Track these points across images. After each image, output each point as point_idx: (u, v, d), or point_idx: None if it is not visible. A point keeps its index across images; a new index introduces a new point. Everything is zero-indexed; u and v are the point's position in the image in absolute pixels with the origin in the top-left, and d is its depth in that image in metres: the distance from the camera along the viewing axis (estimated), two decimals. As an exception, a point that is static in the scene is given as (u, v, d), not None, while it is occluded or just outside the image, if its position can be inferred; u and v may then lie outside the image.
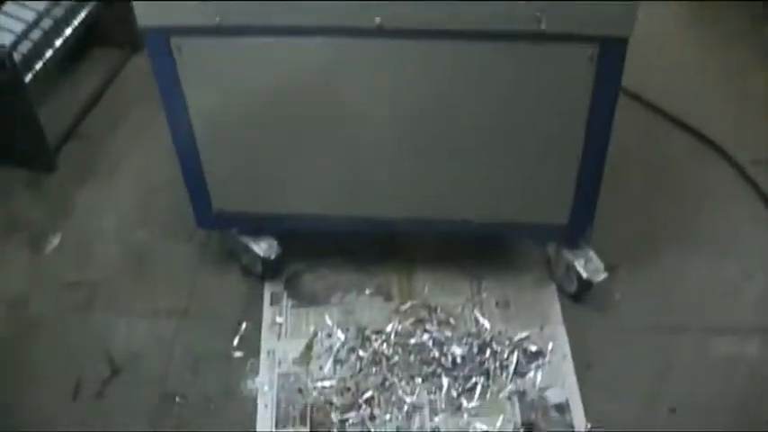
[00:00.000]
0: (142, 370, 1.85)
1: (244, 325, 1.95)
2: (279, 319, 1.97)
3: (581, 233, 1.81)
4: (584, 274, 1.86)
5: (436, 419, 1.81)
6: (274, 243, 1.95)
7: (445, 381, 1.86)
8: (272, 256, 1.94)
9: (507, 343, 1.91)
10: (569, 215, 1.75)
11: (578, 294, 1.93)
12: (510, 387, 1.85)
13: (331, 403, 1.83)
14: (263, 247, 1.94)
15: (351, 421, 1.81)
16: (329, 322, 1.97)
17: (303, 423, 1.81)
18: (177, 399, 1.80)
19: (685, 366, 1.81)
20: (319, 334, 1.93)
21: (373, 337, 1.91)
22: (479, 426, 1.80)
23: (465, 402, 1.83)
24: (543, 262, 2.02)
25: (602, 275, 1.85)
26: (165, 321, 1.95)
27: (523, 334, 1.91)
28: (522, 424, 1.80)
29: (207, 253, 2.09)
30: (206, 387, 1.81)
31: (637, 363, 1.83)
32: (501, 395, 1.84)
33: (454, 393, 1.84)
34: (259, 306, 1.98)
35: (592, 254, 1.86)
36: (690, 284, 1.98)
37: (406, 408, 1.82)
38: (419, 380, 1.87)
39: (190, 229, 1.97)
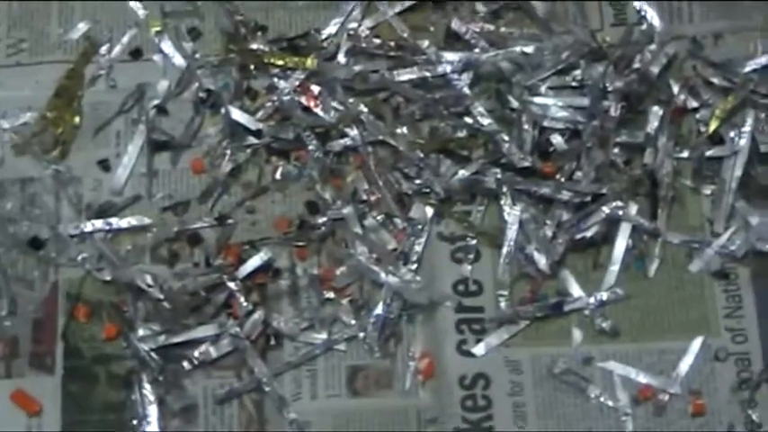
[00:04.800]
0: None
1: None
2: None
3: None
4: None
5: (479, 349, 0.57)
6: None
7: (513, 213, 0.59)
8: None
9: (721, 83, 0.64)
10: None
11: None
12: (727, 238, 0.59)
13: (136, 290, 0.59)
14: None
15: (199, 352, 0.58)
16: (136, 6, 0.67)
17: (41, 361, 0.59)
18: None
19: None
20: (105, 49, 0.68)
21: (281, 60, 0.66)
22: (621, 372, 0.56)
23: (576, 290, 0.59)
24: None
25: None
26: None
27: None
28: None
29: None
30: None
31: None
32: (696, 266, 0.62)
33: (541, 258, 0.58)
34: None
35: None
36: None
37: (380, 308, 0.59)
38: (424, 210, 0.59)
39: None
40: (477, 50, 0.62)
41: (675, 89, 0.62)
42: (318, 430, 0.58)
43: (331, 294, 0.60)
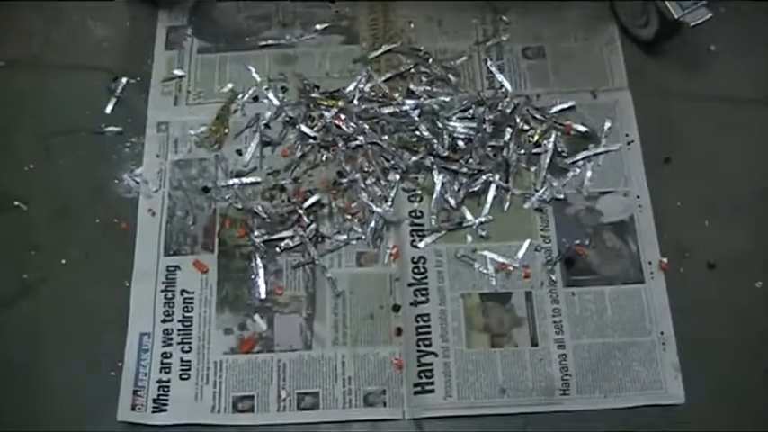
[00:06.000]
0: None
1: (122, 82, 1.28)
2: (178, 72, 1.28)
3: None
4: (674, 12, 1.17)
5: (421, 244, 1.13)
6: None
7: (438, 179, 1.16)
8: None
9: (540, 117, 1.21)
10: None
11: (656, 42, 1.26)
12: (542, 192, 1.15)
13: (253, 213, 1.14)
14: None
15: (284, 243, 1.13)
16: (256, 76, 1.26)
17: (208, 246, 1.15)
18: (16, 203, 1.20)
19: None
20: (240, 96, 1.25)
21: (325, 102, 1.20)
22: (490, 256, 1.13)
23: (468, 216, 1.14)
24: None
25: (704, 15, 1.17)
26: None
27: (566, 103, 1.23)
28: (560, 254, 1.12)
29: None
30: (59, 184, 1.21)
31: (748, 153, 1.22)
32: (527, 205, 1.16)
33: (452, 200, 1.15)
34: (148, 51, 1.31)
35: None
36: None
37: (373, 223, 1.14)
38: (395, 176, 1.16)
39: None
40: (421, 99, 1.22)
41: (518, 120, 1.20)
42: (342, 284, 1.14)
43: (349, 216, 1.16)
